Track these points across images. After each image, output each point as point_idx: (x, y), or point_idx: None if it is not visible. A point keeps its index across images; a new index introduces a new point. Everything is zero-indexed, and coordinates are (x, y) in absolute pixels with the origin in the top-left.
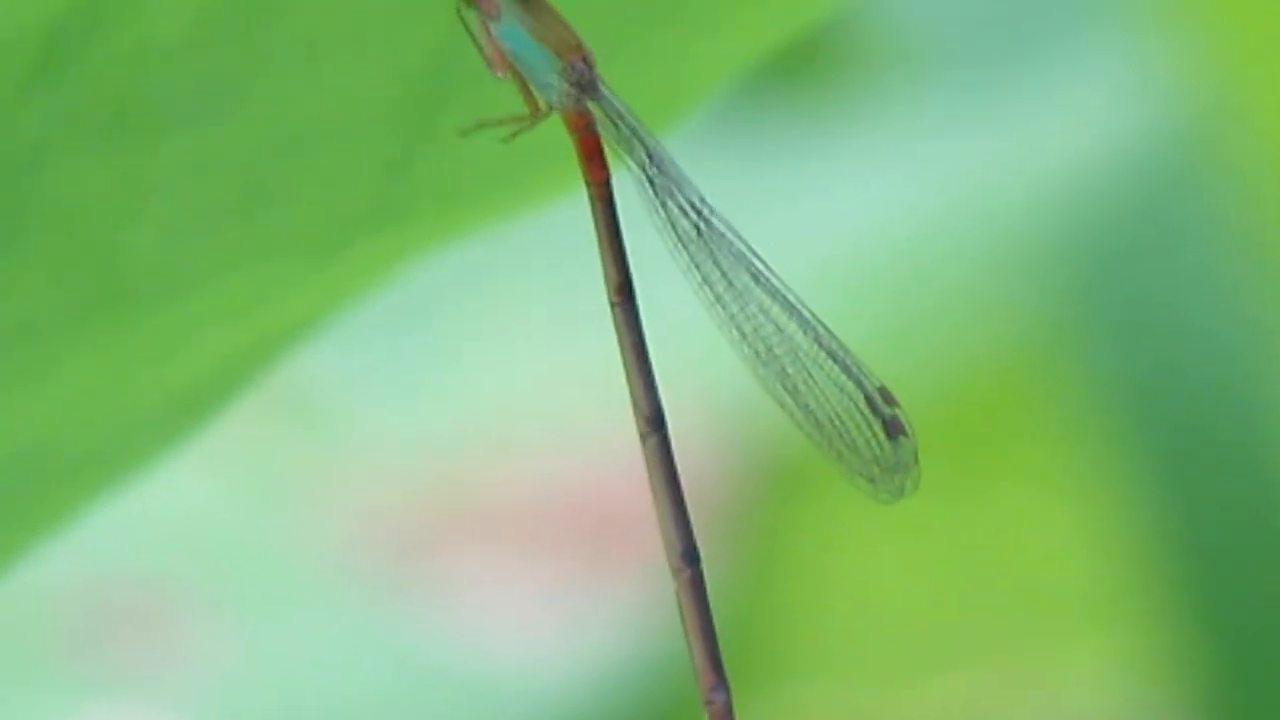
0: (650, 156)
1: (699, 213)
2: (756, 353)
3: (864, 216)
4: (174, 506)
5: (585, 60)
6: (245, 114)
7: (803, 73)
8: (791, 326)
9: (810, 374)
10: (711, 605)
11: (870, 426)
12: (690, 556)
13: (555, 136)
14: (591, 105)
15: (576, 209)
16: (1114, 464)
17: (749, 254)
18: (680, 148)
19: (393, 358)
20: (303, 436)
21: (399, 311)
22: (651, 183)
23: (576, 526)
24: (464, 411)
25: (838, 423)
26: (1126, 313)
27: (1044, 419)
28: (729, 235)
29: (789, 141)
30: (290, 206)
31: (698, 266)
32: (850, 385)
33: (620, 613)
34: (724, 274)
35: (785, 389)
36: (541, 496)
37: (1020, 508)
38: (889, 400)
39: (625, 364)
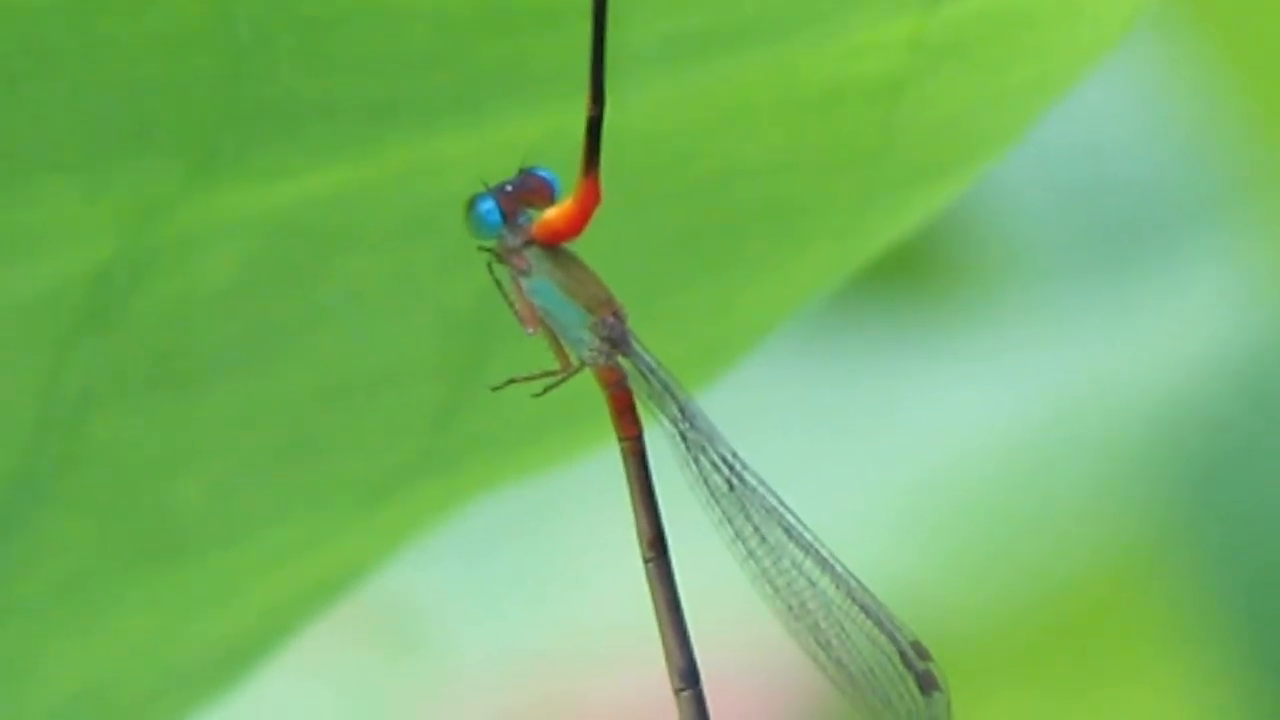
0: (682, 411)
1: (730, 468)
2: (789, 607)
3: (969, 423)
4: None
5: (616, 315)
6: (292, 363)
7: (902, 276)
8: (824, 581)
9: (844, 628)
10: None
11: (904, 681)
12: None
13: (588, 392)
14: (623, 360)
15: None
16: (1224, 662)
17: (781, 508)
18: (772, 354)
19: (485, 576)
20: (402, 651)
21: (491, 531)
22: (684, 438)
23: None
24: (555, 628)
25: (871, 677)
26: (1234, 514)
27: (1155, 619)
28: (761, 490)
29: (890, 347)
30: (338, 455)
31: (730, 521)
32: (884, 640)
33: None
34: (756, 529)
35: (819, 644)
36: (636, 709)
37: (1133, 706)
38: (922, 655)
39: (658, 619)
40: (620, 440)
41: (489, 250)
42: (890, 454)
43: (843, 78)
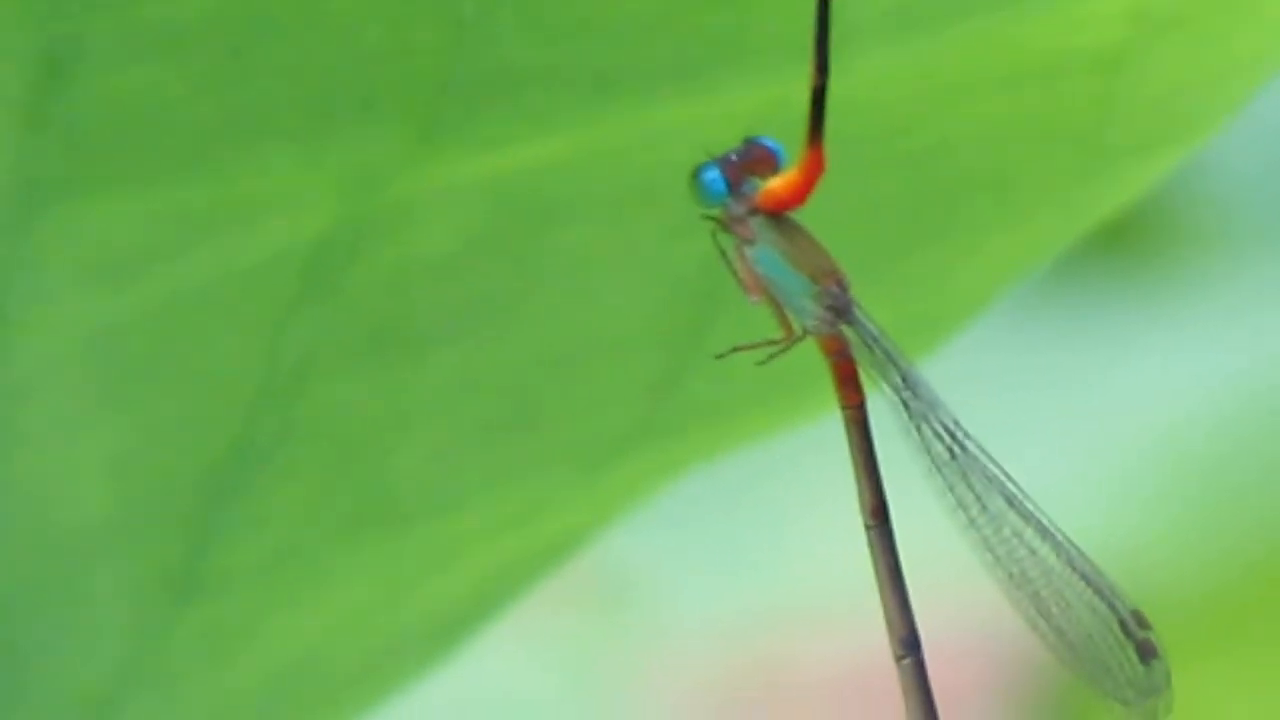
0: (905, 380)
1: (953, 436)
2: (1010, 575)
3: (1185, 390)
4: (489, 688)
5: (840, 285)
6: (514, 330)
7: (1118, 243)
8: (1045, 549)
9: (1064, 596)
10: None
11: (1124, 650)
12: None
13: (814, 358)
14: (846, 330)
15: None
16: None
17: (1003, 478)
18: (992, 321)
19: (700, 542)
20: (616, 616)
21: (706, 497)
22: (906, 406)
23: (885, 700)
24: (770, 593)
25: (1091, 645)
26: None
27: None
28: (983, 459)
29: (1107, 313)
30: (559, 423)
31: (951, 489)
32: (1104, 609)
33: None
34: (978, 498)
35: (1039, 613)
36: (851, 672)
37: None
38: (1142, 624)
39: (880, 586)
40: (843, 408)
41: (713, 219)
42: (1108, 421)
43: (1064, 48)
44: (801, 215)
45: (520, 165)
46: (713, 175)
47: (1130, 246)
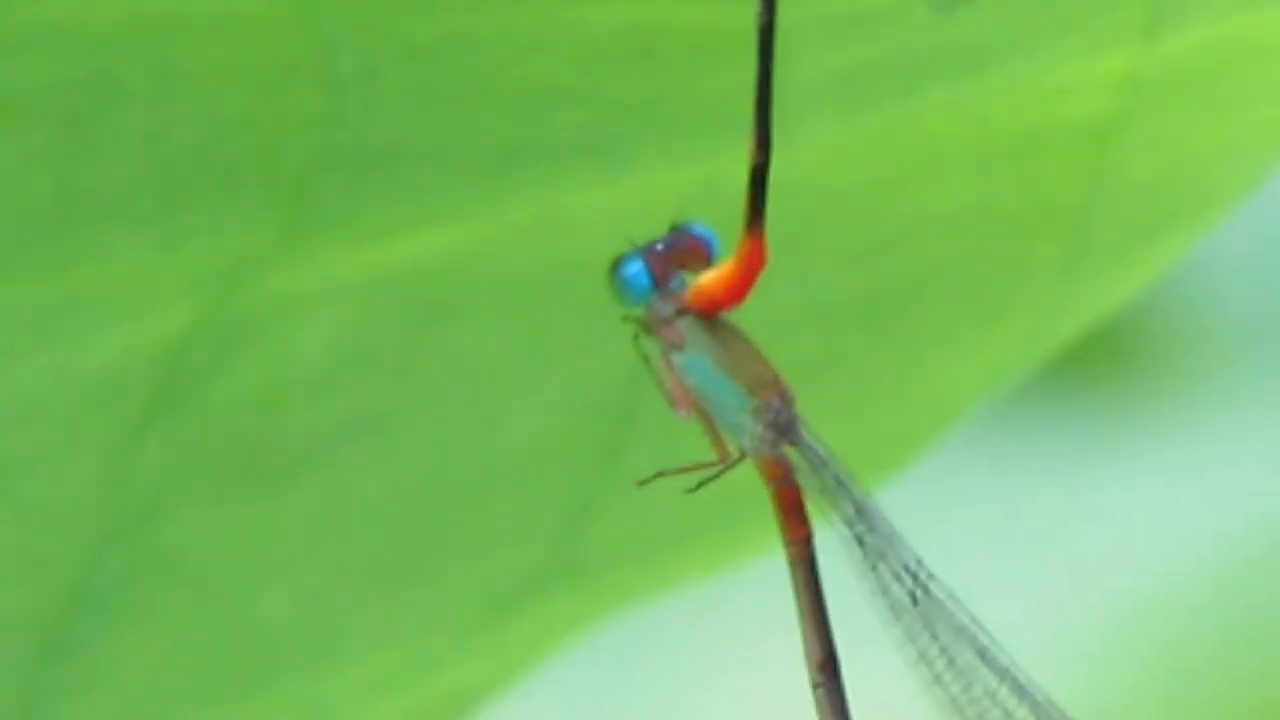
0: (859, 511)
1: (915, 577)
2: None
3: (1171, 531)
4: None
5: (783, 398)
6: (398, 454)
7: (1092, 362)
8: (1022, 713)
9: None
10: None
11: None
12: None
13: (753, 484)
14: (790, 451)
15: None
16: None
17: (973, 627)
18: (953, 446)
19: (612, 704)
20: None
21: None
22: (860, 542)
23: None
24: None
25: None
26: None
27: None
28: (949, 605)
29: (1082, 443)
30: (451, 563)
31: (913, 640)
32: None
33: None
34: (944, 650)
35: None
36: None
37: None
38: None
39: None
40: (786, 544)
41: (635, 320)
42: (1091, 560)
43: (1042, 122)
44: (737, 316)
45: (407, 258)
46: (635, 269)
47: (1114, 356)
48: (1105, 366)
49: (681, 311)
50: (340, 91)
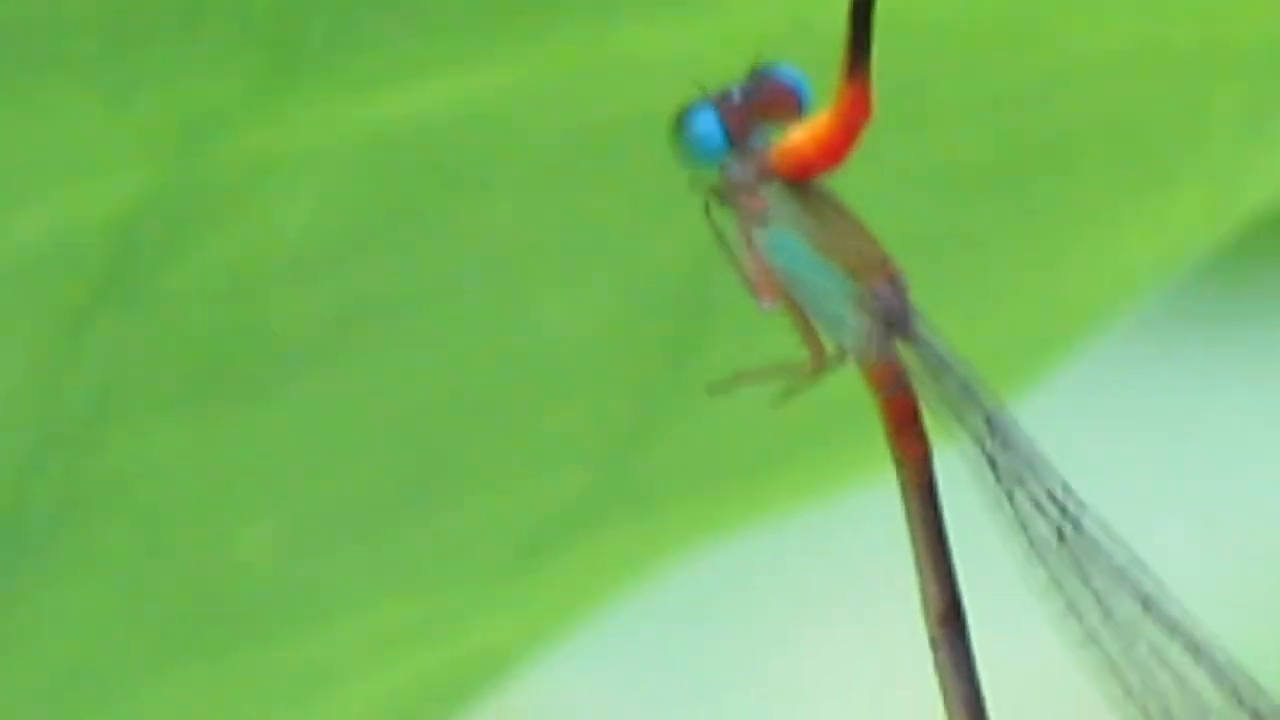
0: (991, 425)
1: (1063, 509)
2: (1147, 715)
3: None
4: None
5: (894, 284)
6: (407, 355)
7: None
8: (1199, 677)
9: None
10: None
11: None
12: None
13: (856, 393)
14: (902, 350)
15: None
16: None
17: (1136, 570)
18: (1109, 347)
19: (669, 677)
20: None
21: (682, 610)
22: (993, 464)
23: None
24: None
25: None
26: None
27: None
28: (1106, 542)
29: (1266, 337)
30: (475, 492)
31: (1061, 587)
32: None
33: None
34: (1099, 600)
35: None
36: None
37: None
38: None
39: None
40: (899, 466)
41: (707, 188)
42: (1276, 492)
43: None
44: (836, 183)
45: (416, 111)
46: (706, 122)
47: None
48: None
49: (765, 176)
50: None
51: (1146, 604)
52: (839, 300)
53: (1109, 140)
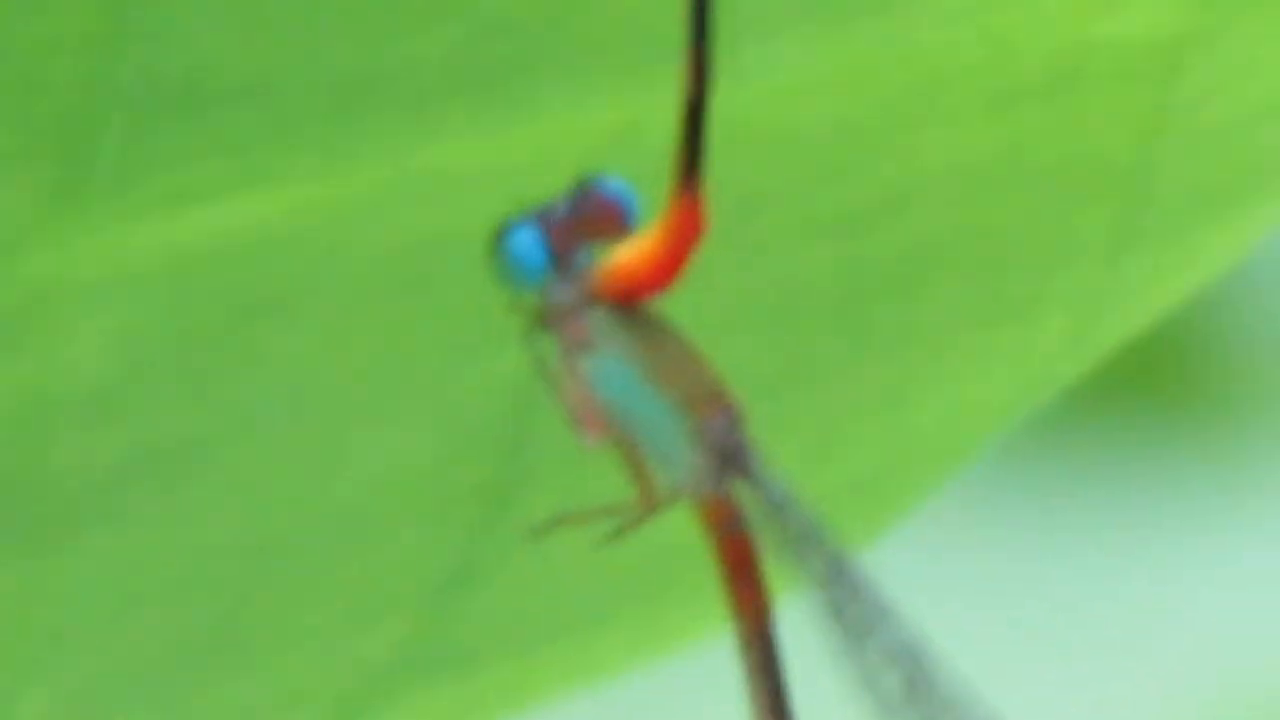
0: (834, 571)
1: (913, 662)
2: None
3: (1251, 617)
4: None
5: (729, 416)
6: (201, 504)
7: (1141, 382)
8: None
9: None
10: None
11: None
12: None
13: (689, 536)
14: (739, 489)
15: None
16: None
17: None
18: (959, 493)
19: None
20: None
21: None
22: (837, 614)
23: None
24: None
25: None
26: None
27: None
28: (960, 700)
29: (1130, 481)
30: (276, 651)
31: None
32: None
33: None
34: None
35: None
36: None
37: None
38: None
39: None
40: (735, 618)
41: (527, 311)
42: (1133, 651)
43: (1088, 41)
44: (667, 306)
45: (215, 234)
46: (526, 240)
47: (1173, 374)
48: (1161, 388)
49: (590, 299)
50: (124, 5)
51: None
52: (670, 435)
53: (963, 264)
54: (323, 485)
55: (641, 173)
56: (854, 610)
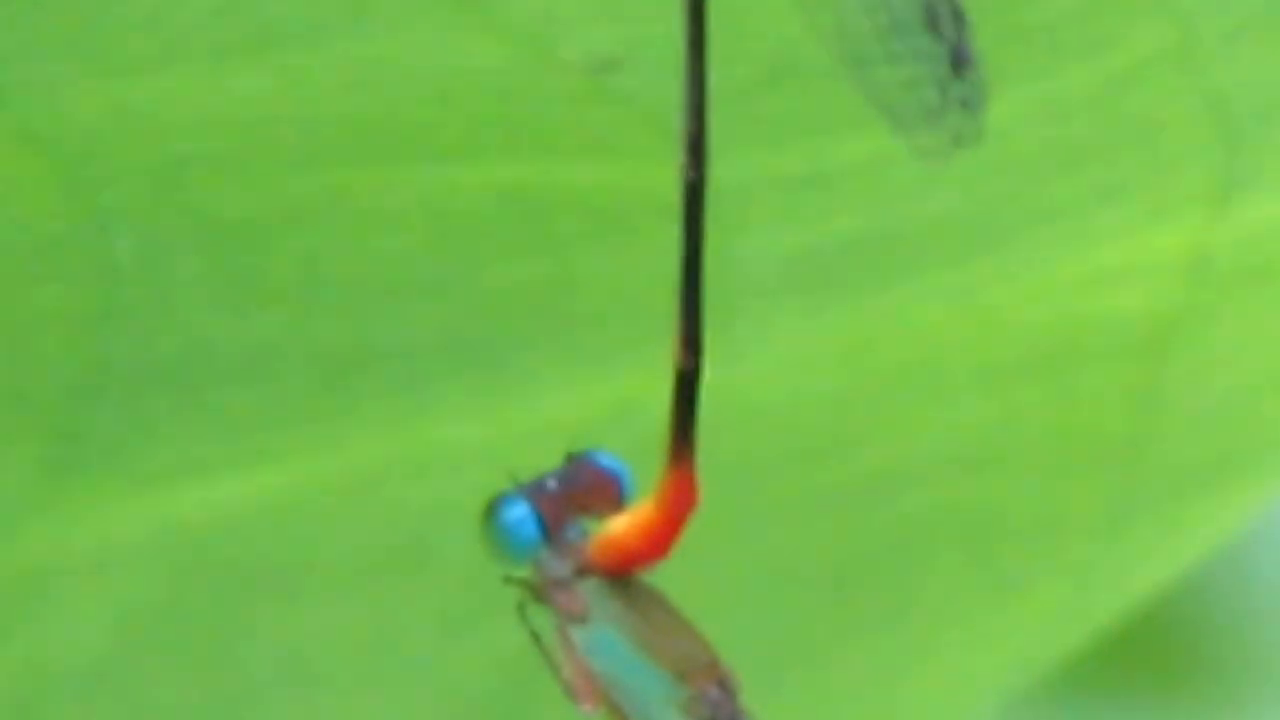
0: None
1: None
2: None
3: None
4: None
5: (723, 687)
6: None
7: (1129, 670)
8: None
9: None
10: None
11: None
12: None
13: None
14: None
15: None
16: None
17: None
18: None
19: None
20: None
21: None
22: None
23: None
24: None
25: None
26: None
27: None
28: None
29: None
30: None
31: None
32: None
33: None
34: None
35: None
36: None
37: None
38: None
39: None
40: None
41: (521, 584)
42: None
43: (1081, 317)
44: (660, 578)
45: (215, 507)
46: (519, 514)
47: (1166, 658)
48: (1160, 662)
49: (583, 571)
50: (118, 281)
51: None
52: (665, 705)
53: (960, 537)
54: None
55: (635, 448)
56: None
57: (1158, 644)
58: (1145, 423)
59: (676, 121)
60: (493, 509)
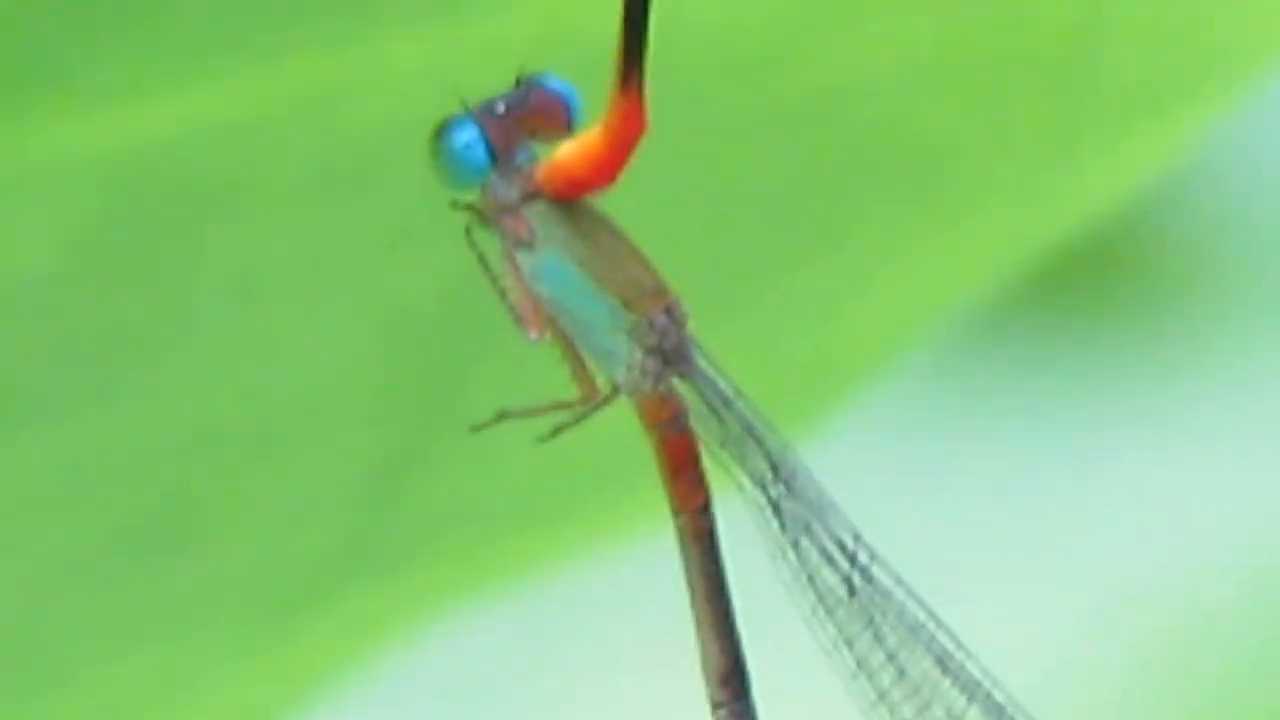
0: (775, 468)
1: (852, 559)
2: None
3: (1177, 510)
4: None
5: (670, 313)
6: (147, 393)
7: (1079, 287)
8: None
9: None
10: None
11: None
12: None
13: (630, 432)
14: (680, 385)
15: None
16: None
17: (931, 625)
18: (899, 386)
19: None
20: None
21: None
22: (776, 509)
23: None
24: None
25: None
26: None
27: None
28: (899, 593)
29: (1068, 387)
30: (219, 542)
31: (850, 645)
32: None
33: None
34: (890, 657)
35: None
36: None
37: None
38: None
39: None
40: (675, 515)
41: (468, 208)
42: (1078, 548)
43: None
44: (609, 203)
45: (159, 129)
46: (467, 137)
47: (1112, 278)
48: (1101, 292)
49: (531, 195)
50: None
51: (942, 663)
52: (611, 331)
53: (902, 158)
54: (265, 377)
55: (583, 70)
56: (793, 506)
57: (1103, 273)
58: (1087, 45)
59: None
60: (441, 132)
